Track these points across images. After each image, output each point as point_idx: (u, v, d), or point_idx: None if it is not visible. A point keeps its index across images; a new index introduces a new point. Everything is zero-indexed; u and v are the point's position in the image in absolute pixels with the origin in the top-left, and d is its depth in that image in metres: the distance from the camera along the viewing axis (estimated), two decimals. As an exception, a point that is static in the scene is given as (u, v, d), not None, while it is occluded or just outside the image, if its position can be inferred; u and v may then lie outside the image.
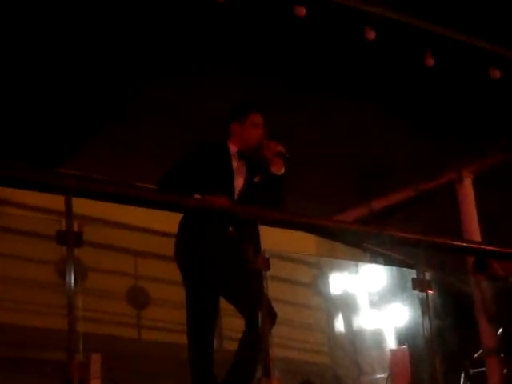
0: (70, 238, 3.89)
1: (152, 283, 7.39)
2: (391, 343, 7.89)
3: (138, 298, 7.28)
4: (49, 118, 6.78)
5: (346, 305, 8.10)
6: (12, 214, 6.77)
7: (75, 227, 3.96)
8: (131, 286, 7.32)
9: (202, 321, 4.58)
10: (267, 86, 6.47)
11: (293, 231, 5.55)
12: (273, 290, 4.74)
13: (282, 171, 4.75)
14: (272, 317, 4.57)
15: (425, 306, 4.64)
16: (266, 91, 6.33)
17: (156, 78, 6.45)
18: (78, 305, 3.94)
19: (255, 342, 4.39)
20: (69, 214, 3.92)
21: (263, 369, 4.26)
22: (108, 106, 6.79)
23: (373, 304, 8.18)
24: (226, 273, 4.61)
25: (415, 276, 4.66)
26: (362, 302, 8.21)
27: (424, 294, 4.64)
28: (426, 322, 4.63)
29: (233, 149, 4.83)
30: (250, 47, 6.11)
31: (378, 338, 7.96)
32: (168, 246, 4.84)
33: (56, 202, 3.97)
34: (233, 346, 4.72)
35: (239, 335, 4.67)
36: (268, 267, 4.36)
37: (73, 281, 3.85)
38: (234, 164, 4.80)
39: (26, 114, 6.68)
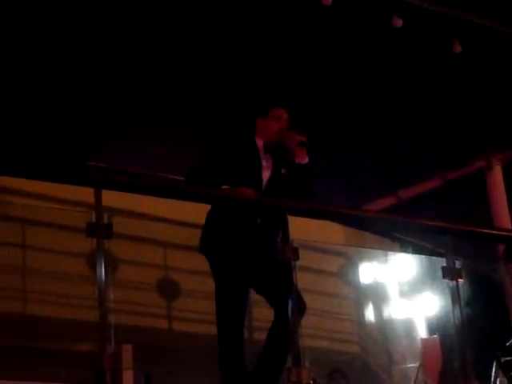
0: (100, 230, 3.92)
1: (182, 274, 7.42)
2: (422, 332, 7.86)
3: (169, 289, 7.31)
4: (79, 115, 6.86)
5: (376, 294, 8.07)
6: (42, 207, 6.82)
7: (105, 219, 3.99)
8: (161, 278, 7.35)
9: (231, 311, 4.59)
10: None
11: (321, 221, 5.56)
12: (302, 280, 4.74)
13: (306, 160, 4.78)
14: (301, 307, 4.57)
15: (455, 295, 4.61)
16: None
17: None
18: (109, 296, 3.98)
19: (285, 332, 4.40)
20: (98, 206, 3.94)
21: (293, 358, 4.28)
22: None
23: (403, 293, 8.15)
24: (254, 263, 4.61)
25: (445, 265, 4.65)
26: (392, 291, 8.18)
27: (454, 282, 4.62)
28: (457, 310, 4.61)
29: (259, 143, 4.87)
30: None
31: (409, 328, 7.93)
32: (197, 238, 4.86)
33: (86, 194, 4.00)
34: (263, 337, 4.72)
35: (269, 325, 4.67)
36: (297, 257, 4.36)
37: (103, 272, 3.88)
38: (261, 157, 4.83)
39: (61, 111, 6.76)
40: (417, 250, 8.19)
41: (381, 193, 8.65)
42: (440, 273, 4.69)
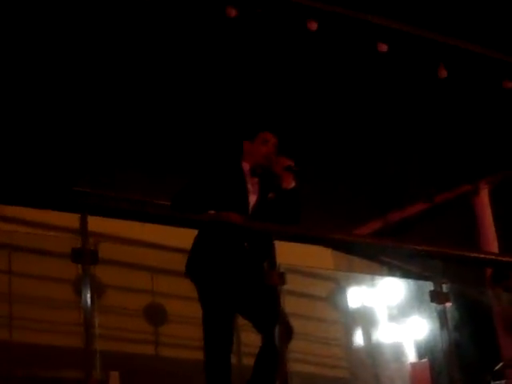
0: (85, 256, 3.90)
1: (169, 300, 7.38)
2: (411, 357, 7.84)
3: (156, 315, 7.26)
4: (66, 141, 6.86)
5: (365, 319, 8.05)
6: (29, 233, 6.78)
7: (91, 245, 3.97)
8: (148, 303, 7.30)
9: (218, 336, 4.56)
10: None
11: (310, 246, 5.55)
12: (290, 304, 4.73)
13: (293, 185, 4.77)
14: (289, 332, 4.56)
15: (443, 319, 4.61)
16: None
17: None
18: (96, 322, 3.95)
19: (272, 356, 4.39)
20: (84, 231, 3.93)
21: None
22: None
23: (391, 318, 8.13)
24: (241, 289, 4.59)
25: (432, 289, 4.64)
26: (381, 315, 8.15)
27: (442, 306, 4.61)
28: (445, 334, 4.60)
29: (246, 167, 4.86)
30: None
31: (398, 352, 7.90)
32: (184, 263, 4.84)
33: (73, 220, 3.98)
34: (252, 362, 4.69)
35: (256, 351, 4.65)
36: (283, 282, 4.36)
37: (89, 298, 3.86)
38: (248, 182, 4.81)
39: (48, 132, 6.76)
40: (405, 275, 8.18)
41: (369, 216, 8.65)
42: (428, 296, 4.69)
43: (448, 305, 4.63)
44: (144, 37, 6.11)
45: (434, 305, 4.68)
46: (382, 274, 8.48)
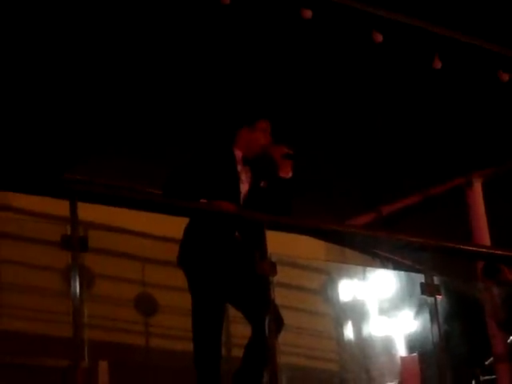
0: (74, 243, 3.88)
1: (160, 290, 7.35)
2: (401, 350, 7.82)
3: (146, 305, 7.23)
4: (57, 127, 6.83)
5: (356, 311, 8.02)
6: (17, 219, 6.74)
7: (80, 232, 3.94)
8: (139, 293, 7.27)
9: (207, 327, 4.54)
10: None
11: (302, 237, 5.52)
12: (281, 296, 4.70)
13: (290, 174, 4.73)
14: (279, 323, 4.53)
15: (433, 311, 4.59)
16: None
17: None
18: (85, 311, 3.92)
19: (261, 348, 4.36)
20: (73, 218, 3.91)
21: (269, 376, 4.23)
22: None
23: (382, 311, 8.11)
24: (231, 278, 4.57)
25: (423, 281, 4.63)
26: (372, 308, 8.13)
27: (432, 298, 4.60)
28: (435, 327, 4.59)
29: (238, 154, 4.80)
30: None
31: (388, 345, 7.88)
32: (176, 253, 4.81)
33: (63, 207, 3.95)
34: (241, 354, 4.66)
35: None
36: (274, 272, 4.34)
37: (78, 285, 3.84)
38: (239, 169, 4.77)
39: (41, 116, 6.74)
40: (397, 267, 8.17)
41: (362, 209, 8.64)
42: (418, 289, 4.68)
43: (439, 297, 4.61)
44: (137, 25, 6.08)
45: (424, 297, 4.66)
46: (374, 266, 8.46)
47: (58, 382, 4.10)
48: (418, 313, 6.30)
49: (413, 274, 5.14)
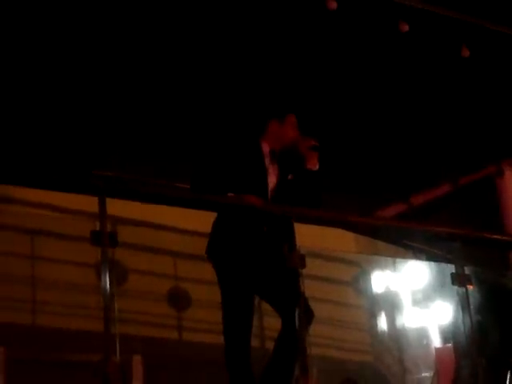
0: (104, 238, 3.91)
1: (192, 284, 7.38)
2: (436, 341, 7.78)
3: (179, 300, 7.27)
4: (87, 124, 6.88)
5: (388, 303, 8.00)
6: (51, 216, 6.81)
7: (109, 228, 3.97)
8: (172, 288, 7.31)
9: (237, 320, 4.55)
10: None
11: (332, 229, 5.51)
12: (312, 288, 4.70)
13: (317, 167, 4.72)
14: (309, 315, 4.52)
15: (464, 302, 4.57)
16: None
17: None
18: (117, 305, 3.95)
19: (292, 340, 4.36)
20: (102, 214, 3.94)
21: (300, 368, 4.24)
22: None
23: (416, 302, 8.08)
24: (260, 272, 4.57)
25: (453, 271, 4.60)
26: (405, 299, 8.10)
27: (463, 289, 4.57)
28: (467, 317, 4.56)
29: (265, 147, 4.80)
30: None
31: (423, 336, 7.85)
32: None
33: (94, 204, 3.99)
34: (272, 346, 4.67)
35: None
36: (303, 265, 4.34)
37: (108, 280, 3.87)
38: (267, 163, 4.77)
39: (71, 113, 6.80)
40: (429, 258, 8.12)
41: (392, 199, 8.60)
42: (448, 280, 4.65)
43: (469, 287, 4.58)
44: (159, 20, 6.10)
45: (456, 288, 4.64)
46: (406, 258, 8.43)
47: (92, 378, 4.13)
48: (452, 303, 6.27)
49: (444, 265, 5.10)
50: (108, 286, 3.91)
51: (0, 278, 6.16)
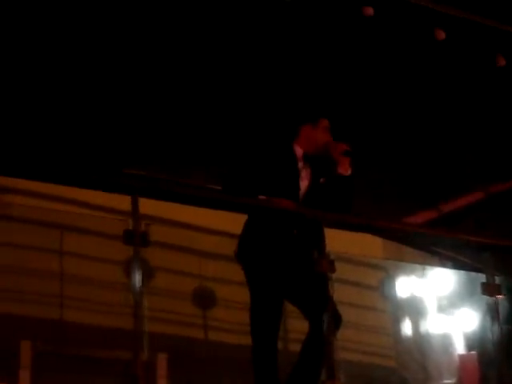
0: (136, 238, 3.93)
1: (218, 284, 7.40)
2: (460, 348, 7.76)
3: (204, 299, 7.28)
4: (120, 122, 6.92)
5: (413, 309, 7.98)
6: (80, 213, 6.85)
7: (142, 227, 3.99)
8: (197, 287, 7.33)
9: (265, 322, 4.56)
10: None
11: (360, 234, 5.50)
12: (338, 292, 4.70)
13: (349, 172, 4.71)
14: (337, 320, 4.53)
15: (494, 311, 4.55)
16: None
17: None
18: (145, 304, 3.97)
19: (319, 344, 4.37)
20: (135, 213, 3.96)
21: (327, 372, 4.24)
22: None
23: (441, 308, 8.05)
24: (289, 275, 4.58)
25: (484, 280, 4.58)
26: (430, 306, 8.08)
27: (493, 298, 4.55)
28: (495, 327, 4.54)
29: (298, 151, 4.80)
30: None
31: (446, 343, 7.83)
32: (233, 247, 4.83)
33: (125, 202, 4.01)
34: (297, 348, 4.68)
35: (304, 337, 4.63)
36: (333, 269, 4.35)
37: (139, 280, 3.89)
38: (299, 166, 4.77)
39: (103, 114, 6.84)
40: (456, 265, 8.09)
41: (422, 206, 8.57)
42: (479, 289, 4.63)
43: (499, 297, 4.57)
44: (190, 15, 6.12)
45: (484, 297, 4.62)
46: (432, 265, 8.39)
47: (120, 374, 4.16)
48: (477, 311, 6.25)
49: (473, 273, 5.08)
50: (139, 284, 3.94)
51: (29, 273, 6.22)
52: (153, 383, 4.03)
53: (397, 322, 7.92)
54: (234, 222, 4.80)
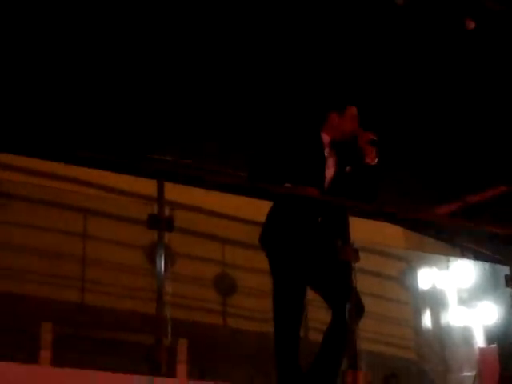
0: (161, 223, 3.93)
1: (239, 271, 7.40)
2: (480, 341, 7.73)
3: (225, 286, 7.29)
4: (147, 108, 6.94)
5: (434, 300, 7.96)
6: (104, 197, 6.86)
7: (166, 212, 3.99)
8: (218, 273, 7.33)
9: (288, 310, 4.54)
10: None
11: (382, 223, 5.48)
12: (360, 282, 4.68)
13: (375, 161, 4.68)
14: (360, 310, 4.51)
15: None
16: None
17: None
18: (168, 290, 3.97)
19: (342, 333, 4.36)
20: (160, 198, 3.95)
21: (349, 361, 4.23)
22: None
23: (462, 301, 8.02)
24: (313, 263, 4.56)
25: (508, 273, 4.55)
26: (451, 298, 8.05)
27: (516, 291, 4.53)
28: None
29: (325, 138, 4.77)
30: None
31: (467, 336, 7.80)
32: (256, 235, 4.82)
33: (147, 187, 4.00)
34: (317, 337, 4.67)
35: (324, 326, 4.62)
36: (357, 258, 4.33)
37: (163, 265, 3.89)
38: (326, 153, 4.75)
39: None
40: (478, 257, 8.05)
41: (447, 198, 8.52)
42: (502, 281, 4.61)
43: (523, 290, 4.54)
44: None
45: (508, 289, 4.59)
46: (454, 256, 8.35)
47: (140, 358, 4.17)
48: (499, 304, 6.21)
49: (496, 266, 5.04)
50: (162, 269, 3.94)
51: (51, 255, 6.24)
52: (173, 368, 4.02)
53: (417, 313, 7.89)
54: (257, 209, 4.80)
